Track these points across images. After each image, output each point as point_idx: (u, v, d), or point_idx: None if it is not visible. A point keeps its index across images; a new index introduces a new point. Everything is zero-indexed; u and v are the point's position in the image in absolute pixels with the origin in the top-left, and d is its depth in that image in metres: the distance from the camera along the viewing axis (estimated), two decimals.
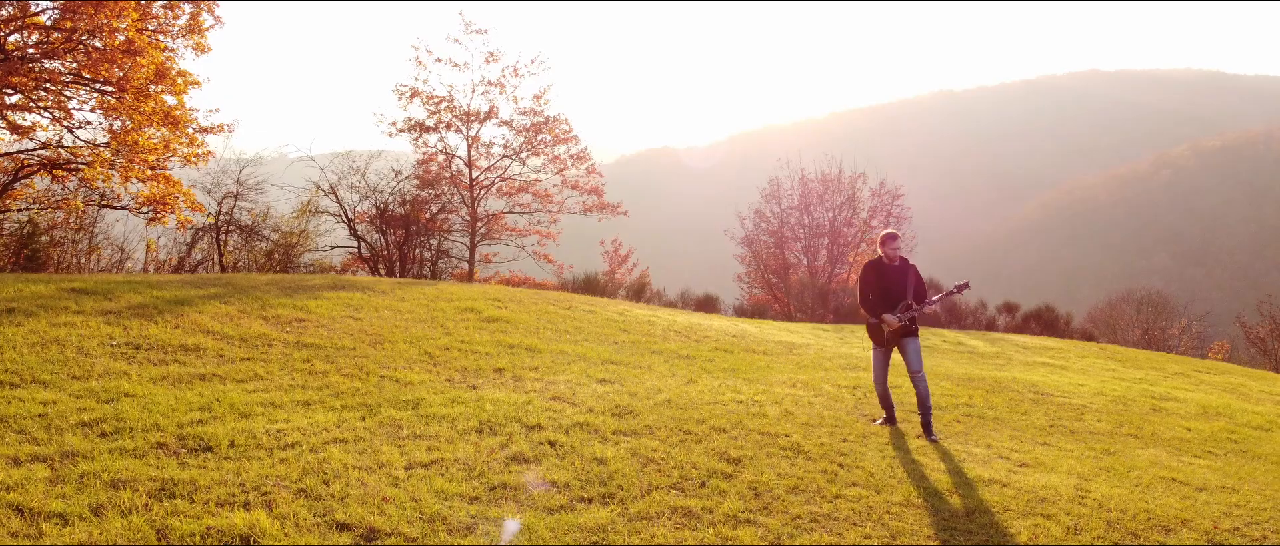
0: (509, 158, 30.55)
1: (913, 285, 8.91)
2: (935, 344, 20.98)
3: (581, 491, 5.71)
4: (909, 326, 8.90)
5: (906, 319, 8.81)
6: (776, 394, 10.13)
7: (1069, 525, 5.97)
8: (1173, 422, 11.78)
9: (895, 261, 8.96)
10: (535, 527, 4.97)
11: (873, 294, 8.96)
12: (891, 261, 8.96)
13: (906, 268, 8.97)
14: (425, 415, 7.27)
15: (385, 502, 5.11)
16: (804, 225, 39.89)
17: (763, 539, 5.16)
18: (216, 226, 24.24)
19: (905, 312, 8.81)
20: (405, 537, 4.65)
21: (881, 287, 8.91)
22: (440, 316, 12.79)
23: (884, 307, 8.87)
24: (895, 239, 9.06)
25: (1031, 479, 7.18)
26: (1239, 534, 6.26)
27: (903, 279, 8.90)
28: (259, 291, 12.68)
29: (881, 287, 8.91)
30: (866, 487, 6.44)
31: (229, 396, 7.10)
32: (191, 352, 8.62)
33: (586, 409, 8.05)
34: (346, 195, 26.84)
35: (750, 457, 6.91)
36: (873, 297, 8.95)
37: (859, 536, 5.34)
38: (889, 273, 8.93)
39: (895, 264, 8.96)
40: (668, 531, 5.12)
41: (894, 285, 8.88)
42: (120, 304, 10.33)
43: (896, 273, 8.92)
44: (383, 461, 5.91)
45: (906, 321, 8.81)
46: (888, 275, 8.92)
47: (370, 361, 9.22)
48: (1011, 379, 14.56)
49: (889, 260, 8.96)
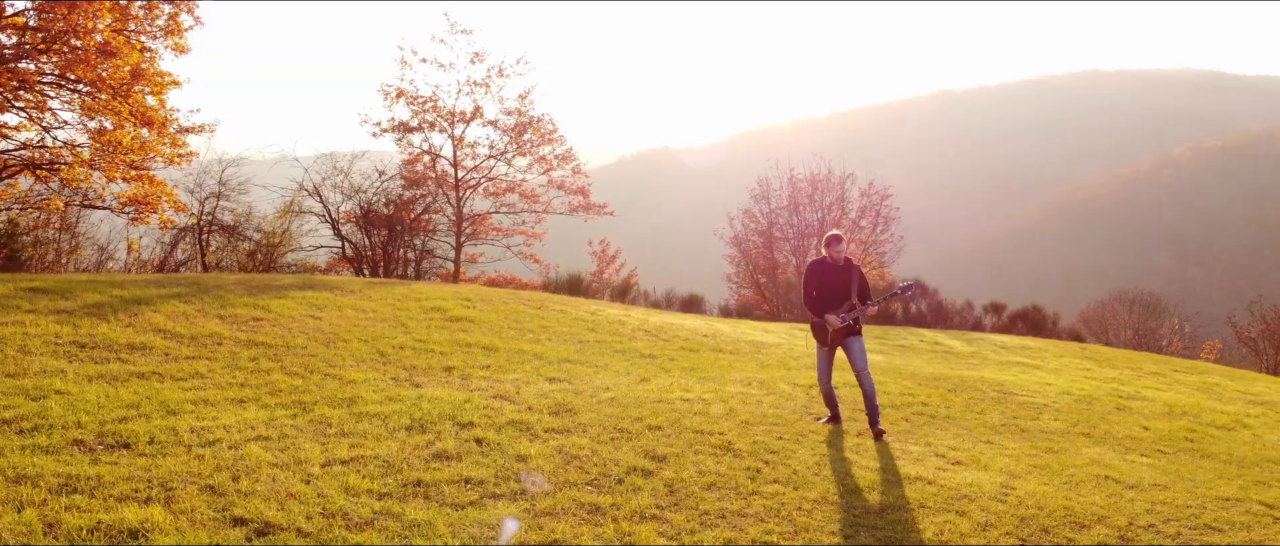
0: (495, 158, 30.61)
1: (856, 285, 8.98)
2: (912, 343, 21.02)
3: (495, 488, 5.77)
4: (852, 326, 8.98)
5: (849, 319, 8.87)
6: (727, 392, 10.18)
7: (981, 522, 6.02)
8: (1132, 421, 11.82)
9: (839, 262, 9.04)
10: (434, 523, 5.02)
11: (816, 293, 9.04)
12: (835, 262, 9.03)
13: (850, 268, 9.05)
14: (359, 413, 7.33)
15: (290, 498, 5.17)
16: (793, 225, 39.91)
17: (663, 535, 5.21)
18: (199, 226, 24.33)
19: (848, 312, 8.87)
20: (299, 532, 4.71)
21: (825, 287, 9.00)
22: (404, 316, 12.86)
23: (827, 307, 8.95)
24: (839, 241, 9.16)
25: (959, 476, 7.23)
26: (1154, 530, 6.31)
27: (846, 279, 8.98)
28: (224, 291, 12.75)
29: (825, 287, 9.00)
30: (787, 485, 6.50)
31: (162, 394, 7.17)
32: (137, 351, 8.69)
33: (525, 407, 8.11)
34: (330, 195, 26.94)
35: (677, 455, 6.97)
36: (816, 296, 9.04)
37: (761, 532, 5.39)
38: (832, 272, 9.01)
39: (839, 264, 9.03)
40: (568, 527, 5.17)
41: (837, 285, 8.96)
42: (76, 303, 10.40)
43: (840, 273, 9.00)
44: (301, 458, 5.97)
45: (849, 321, 8.88)
46: (831, 275, 9.01)
47: (318, 360, 9.29)
48: (979, 378, 14.61)
49: (833, 260, 9.04)
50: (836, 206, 39.62)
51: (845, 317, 8.86)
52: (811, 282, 9.07)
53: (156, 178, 24.02)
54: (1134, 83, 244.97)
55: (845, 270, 9.00)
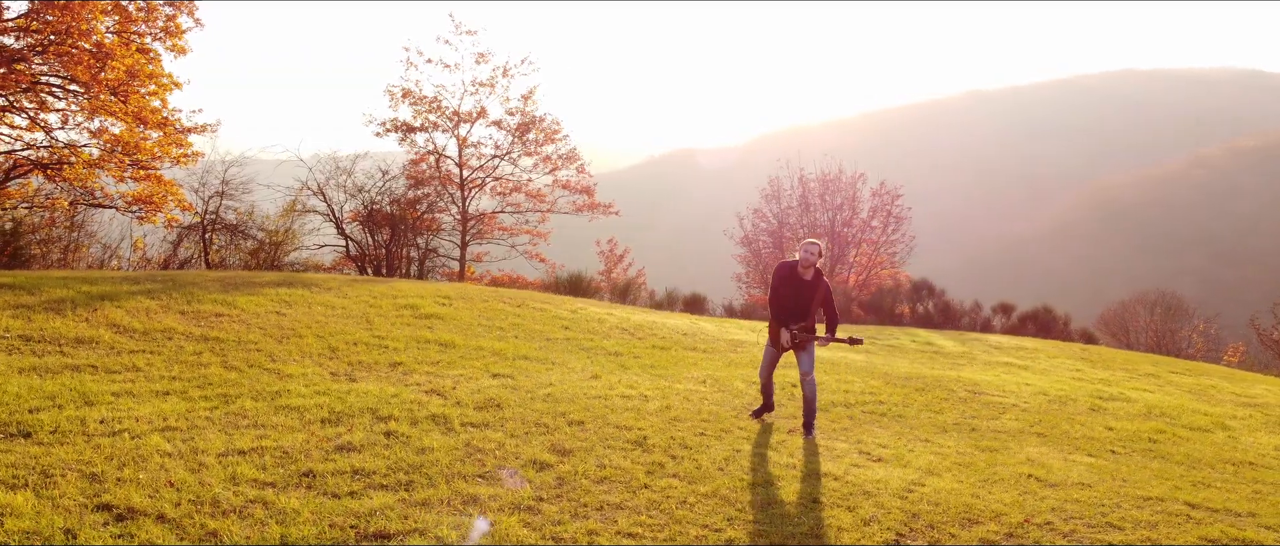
0: (499, 157, 30.84)
1: (819, 302, 8.91)
2: (903, 343, 20.93)
3: (383, 479, 5.87)
4: (807, 337, 8.91)
5: (799, 339, 8.83)
6: (676, 389, 10.24)
7: (866, 517, 6.04)
8: (1100, 422, 11.72)
9: (808, 274, 8.93)
10: (301, 511, 5.13)
11: (781, 298, 8.97)
12: (805, 272, 8.92)
13: (817, 284, 8.91)
14: (280, 405, 7.47)
15: (167, 486, 5.30)
16: (803, 225, 39.84)
17: (527, 524, 5.29)
18: (202, 225, 24.71)
19: (802, 332, 8.83)
20: (160, 518, 4.84)
21: (790, 296, 8.91)
22: (373, 313, 13.02)
23: (787, 315, 8.87)
24: (811, 251, 8.92)
25: (870, 473, 7.24)
26: (1049, 527, 6.29)
27: (811, 292, 8.88)
28: (197, 287, 12.98)
29: (790, 296, 8.91)
30: (683, 479, 6.55)
31: (87, 386, 7.35)
32: (83, 345, 8.90)
33: (454, 402, 8.21)
34: (334, 195, 27.24)
35: (584, 450, 7.04)
36: (779, 300, 8.97)
37: (630, 524, 5.45)
38: (800, 283, 8.91)
39: (807, 278, 8.93)
40: (434, 516, 5.26)
41: (801, 296, 8.86)
42: (41, 298, 10.65)
43: (807, 285, 8.90)
44: (200, 448, 6.11)
45: (799, 337, 8.83)
46: (798, 285, 8.90)
47: (263, 355, 9.45)
48: (955, 378, 14.54)
49: (803, 269, 8.92)
50: (848, 206, 39.54)
51: (796, 337, 8.81)
52: (779, 285, 9.00)
53: (164, 177, 24.45)
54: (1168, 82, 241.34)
55: (812, 286, 8.90)
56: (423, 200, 29.34)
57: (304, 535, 4.80)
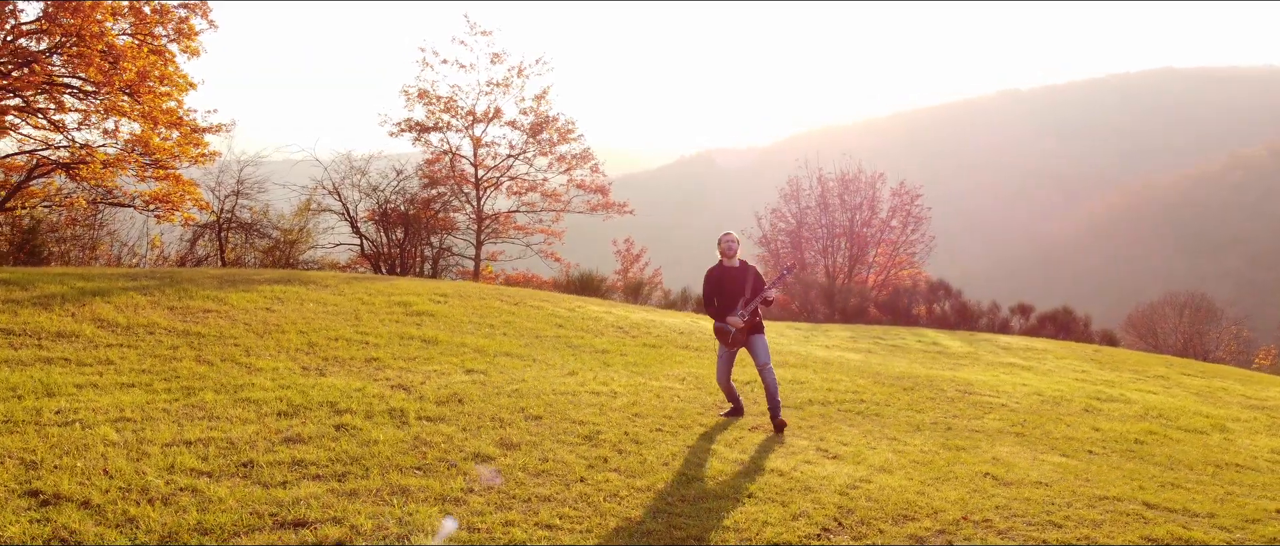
0: (514, 157, 31.05)
1: (751, 285, 9.02)
2: (908, 344, 20.83)
3: (320, 470, 5.98)
4: (755, 323, 9.03)
5: (747, 313, 8.92)
6: (651, 386, 10.30)
7: (797, 512, 6.06)
8: (1088, 422, 11.62)
9: (734, 263, 9.07)
10: (226, 499, 5.25)
11: (716, 298, 9.10)
12: (731, 264, 9.06)
13: (745, 269, 9.09)
14: (241, 398, 7.62)
15: (102, 474, 5.44)
16: (821, 224, 39.73)
17: (444, 514, 5.37)
18: (218, 224, 25.11)
19: (746, 306, 8.93)
20: (84, 504, 4.98)
21: (722, 291, 9.05)
22: (364, 310, 13.19)
23: (729, 308, 8.98)
24: (730, 240, 9.11)
25: (819, 470, 7.25)
26: (988, 525, 6.27)
27: (742, 280, 9.02)
28: (194, 284, 13.23)
29: (722, 291, 9.05)
30: (625, 474, 6.60)
31: (52, 378, 7.54)
32: (62, 339, 9.11)
33: (417, 396, 8.33)
34: (349, 194, 27.57)
35: (532, 444, 7.12)
36: (717, 302, 9.10)
37: (551, 516, 5.52)
38: (729, 275, 9.05)
39: (734, 266, 9.06)
40: (358, 506, 5.36)
41: (733, 287, 9.01)
42: (32, 293, 10.92)
43: (736, 274, 9.05)
44: (146, 438, 6.26)
45: (747, 316, 8.93)
46: (727, 278, 9.05)
47: (239, 350, 9.63)
48: (950, 378, 14.45)
49: (728, 261, 9.06)
50: (867, 206, 39.34)
51: (743, 313, 8.91)
52: (711, 290, 9.15)
53: (183, 177, 24.87)
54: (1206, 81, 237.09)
55: (741, 272, 9.05)
56: (437, 199, 29.61)
57: (220, 521, 4.92)
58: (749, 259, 35.07)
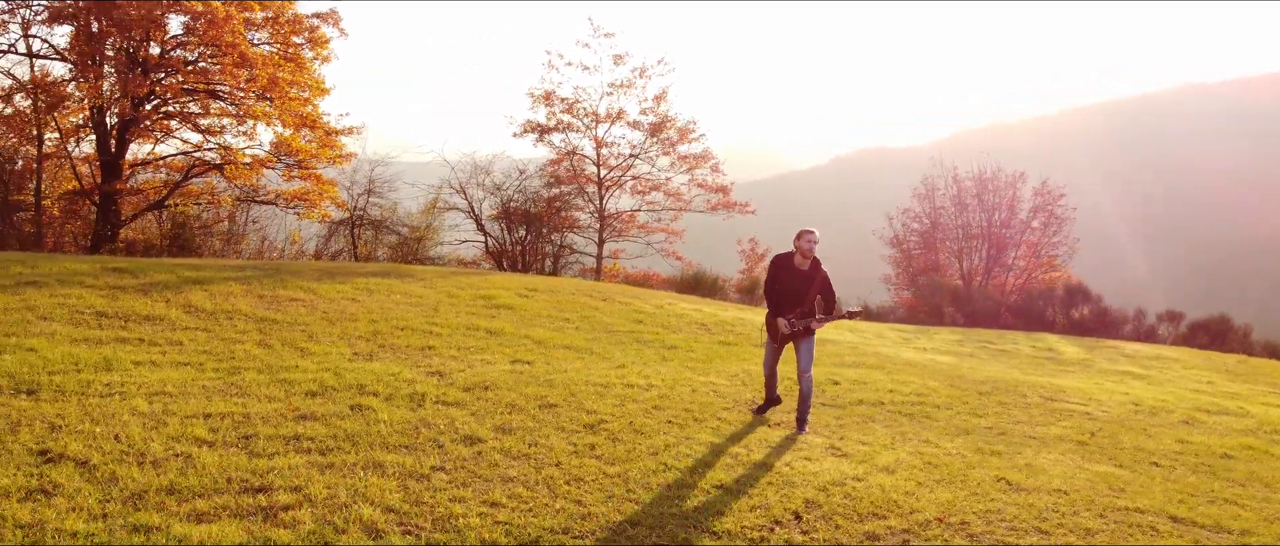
0: (636, 157, 31.54)
1: (817, 289, 8.87)
2: (1019, 348, 20.06)
3: (312, 444, 6.44)
4: (806, 327, 8.91)
5: (800, 326, 8.85)
6: (697, 381, 10.41)
7: (758, 503, 6.10)
8: (1177, 435, 11.00)
9: (805, 264, 8.90)
10: (208, 465, 5.77)
11: (778, 288, 8.99)
12: (802, 262, 8.88)
13: (815, 271, 8.83)
14: (279, 378, 8.23)
15: (113, 440, 6.07)
16: (957, 225, 38.51)
17: (401, 488, 5.71)
18: (351, 221, 26.68)
19: (801, 319, 8.84)
20: (81, 463, 5.58)
21: (785, 286, 8.89)
22: (446, 302, 13.83)
23: (785, 306, 8.89)
24: (809, 240, 8.78)
25: (814, 467, 7.23)
26: (963, 527, 6.12)
27: (809, 281, 8.84)
28: (295, 275, 14.20)
29: (785, 286, 8.89)
30: (606, 461, 6.79)
31: (115, 355, 8.36)
32: (147, 321, 10.04)
33: (447, 383, 8.75)
34: (474, 193, 28.71)
35: (530, 429, 7.41)
36: (776, 293, 9.00)
37: (503, 496, 5.77)
38: (796, 273, 8.86)
39: (804, 267, 8.91)
40: (329, 477, 5.77)
41: (798, 286, 8.82)
42: (141, 280, 12.03)
43: (804, 275, 8.84)
44: (171, 410, 6.90)
45: (799, 329, 8.85)
46: (794, 275, 8.87)
47: (303, 335, 10.34)
48: (1041, 384, 13.88)
49: (801, 258, 8.89)
50: (1006, 207, 37.86)
51: (795, 325, 8.84)
52: (775, 278, 9.03)
53: (323, 177, 26.56)
54: None
55: (809, 273, 8.85)
56: (560, 199, 30.43)
57: (190, 483, 5.42)
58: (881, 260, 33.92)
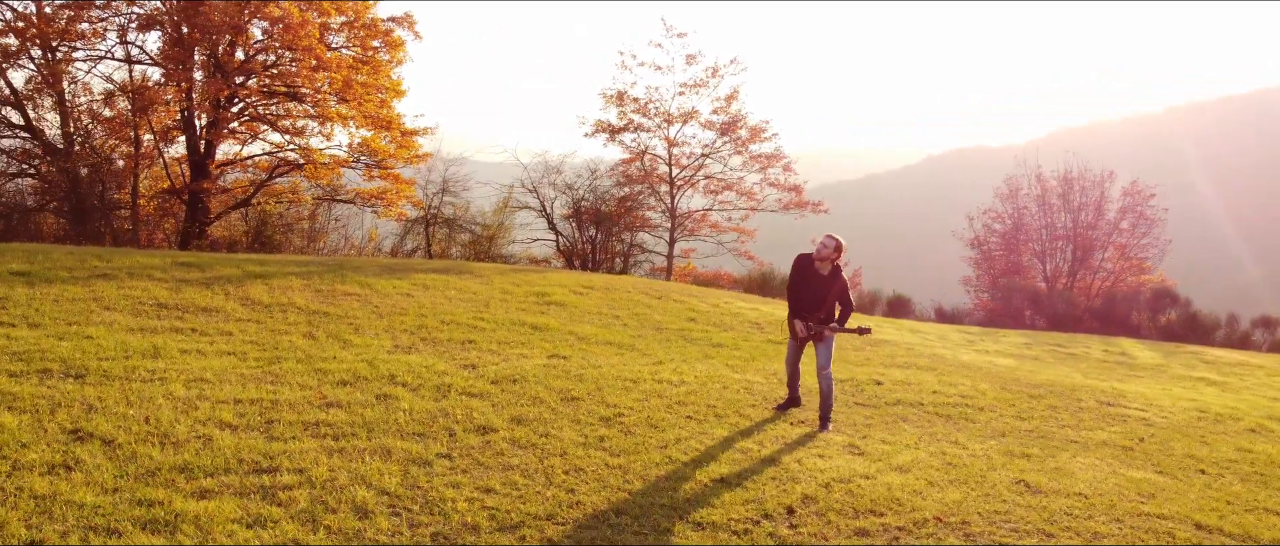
0: (707, 156, 31.57)
1: (834, 296, 8.92)
2: (1091, 352, 19.51)
3: (329, 430, 6.73)
4: (824, 330, 8.94)
5: (814, 331, 8.89)
6: (732, 378, 10.46)
7: (752, 497, 6.15)
8: (1236, 443, 10.62)
9: (825, 268, 8.95)
10: (223, 446, 6.08)
11: (798, 290, 9.06)
12: (821, 262, 8.93)
13: (833, 279, 8.88)
14: (315, 368, 8.58)
15: (142, 421, 6.44)
16: (1042, 226, 37.50)
17: (403, 473, 5.94)
18: (425, 219, 27.37)
19: (817, 324, 8.89)
20: (106, 441, 5.95)
21: (803, 290, 8.97)
22: (498, 299, 14.13)
23: (804, 308, 8.95)
24: (825, 246, 8.86)
25: (825, 464, 7.23)
26: (963, 526, 6.05)
27: (825, 287, 8.89)
28: (356, 271, 14.70)
29: (803, 290, 8.97)
30: (613, 452, 6.92)
31: (165, 344, 8.82)
32: (204, 313, 10.55)
33: (477, 375, 9.00)
34: (546, 192, 29.14)
35: (547, 420, 7.59)
36: (796, 294, 9.07)
37: (498, 483, 5.94)
38: (813, 277, 8.93)
39: (824, 271, 8.94)
40: (335, 461, 6.03)
41: (816, 290, 8.90)
42: (207, 274, 12.62)
43: (823, 280, 8.91)
44: (205, 396, 7.28)
45: (815, 334, 8.90)
46: (811, 278, 8.94)
47: (349, 328, 10.72)
48: (1100, 388, 13.50)
49: (820, 262, 8.94)
50: (1093, 207, 36.71)
51: (811, 329, 8.89)
52: (795, 279, 9.11)
53: (402, 176, 27.36)
54: None
55: (827, 280, 8.89)
56: (632, 198, 30.66)
57: (202, 462, 5.74)
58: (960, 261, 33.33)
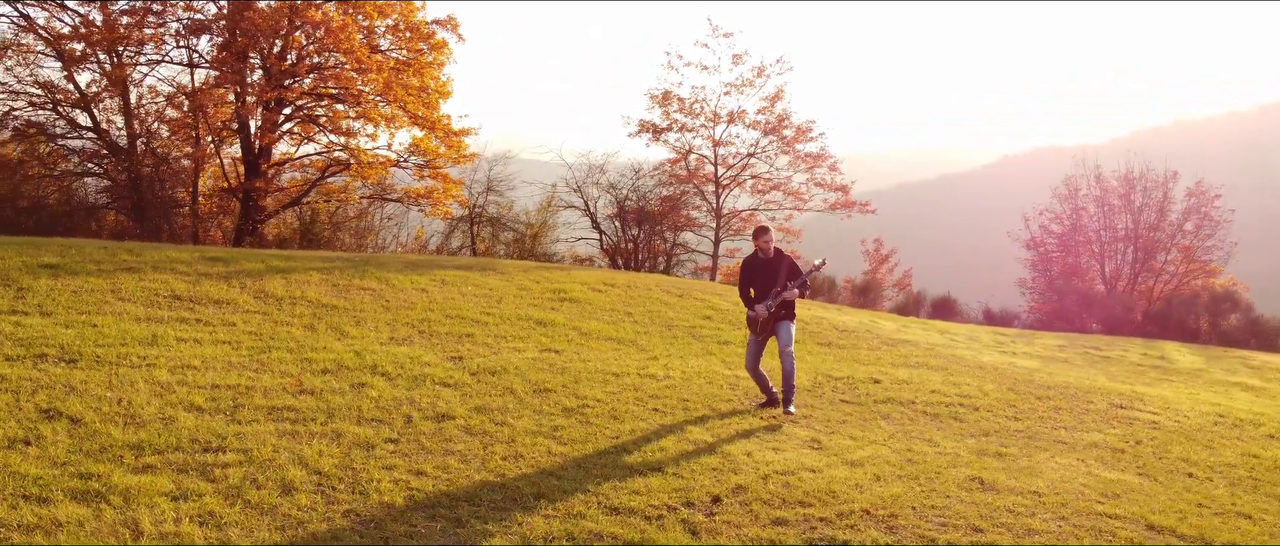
0: (752, 156, 31.58)
1: (784, 275, 9.09)
2: (1127, 356, 19.07)
3: (289, 415, 7.06)
4: (787, 312, 9.11)
5: (774, 304, 9.03)
6: (719, 375, 10.58)
7: (678, 487, 6.29)
8: (1251, 448, 10.40)
9: (769, 254, 9.17)
10: (182, 426, 6.45)
11: (750, 288, 9.30)
12: (764, 255, 9.18)
13: (780, 259, 9.16)
14: (303, 357, 8.96)
15: (116, 403, 6.85)
16: (1104, 227, 36.57)
17: (340, 455, 6.23)
18: (470, 218, 27.93)
19: (775, 298, 9.04)
20: (74, 420, 6.36)
21: (757, 283, 9.21)
22: (513, 295, 14.43)
23: (760, 300, 9.16)
24: (765, 232, 9.28)
25: (772, 456, 7.32)
26: (890, 519, 6.11)
27: (775, 271, 9.11)
28: (381, 267, 15.15)
29: (757, 283, 9.21)
30: (564, 442, 7.13)
31: (164, 333, 9.29)
32: (216, 305, 11.04)
33: (461, 367, 9.30)
34: (590, 192, 29.48)
35: (507, 409, 7.85)
36: (748, 286, 9.30)
37: (434, 465, 6.20)
38: (762, 267, 9.19)
39: (769, 257, 9.17)
40: (282, 442, 6.35)
41: (768, 279, 9.12)
42: (231, 268, 13.17)
43: (769, 266, 9.15)
44: (185, 381, 7.68)
45: (773, 308, 9.04)
46: (762, 270, 9.19)
47: (351, 321, 11.11)
48: (1118, 391, 13.27)
49: (763, 254, 9.18)
50: (1155, 209, 35.68)
51: (770, 305, 9.04)
52: (744, 279, 9.36)
53: (450, 176, 27.98)
54: None
55: (774, 263, 9.14)
56: (678, 198, 30.84)
57: (154, 440, 6.11)
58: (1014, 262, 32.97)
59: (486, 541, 5.15)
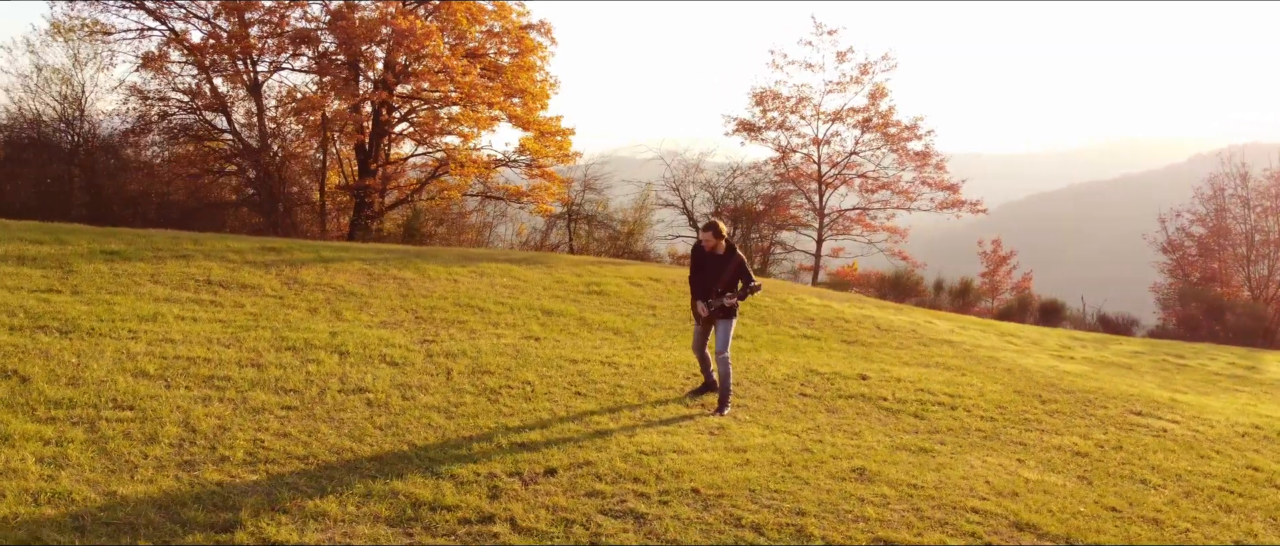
0: (856, 153, 31.22)
1: (730, 274, 9.29)
2: (1212, 365, 17.95)
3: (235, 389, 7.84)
4: (726, 309, 9.33)
5: (714, 306, 9.28)
6: (678, 364, 10.88)
7: (526, 460, 6.74)
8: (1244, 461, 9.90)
9: (718, 250, 9.36)
10: (125, 392, 7.36)
11: (696, 273, 9.56)
12: (713, 249, 9.37)
13: (729, 257, 9.32)
14: (278, 337, 9.82)
15: (101, 384, 7.77)
16: (1255, 229, 34.12)
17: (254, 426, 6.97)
18: (568, 215, 28.90)
19: (714, 300, 9.28)
20: (25, 378, 7.38)
21: (701, 272, 9.47)
22: (545, 286, 15.11)
23: (700, 292, 9.42)
24: (708, 229, 9.40)
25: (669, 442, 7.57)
26: (712, 500, 6.34)
27: (721, 267, 9.31)
28: (424, 259, 16.15)
29: (701, 272, 9.47)
30: (453, 417, 7.66)
31: (166, 311, 10.37)
32: (242, 289, 12.18)
33: (423, 350, 9.98)
34: (687, 190, 29.93)
35: (426, 388, 8.46)
36: (694, 276, 9.56)
37: (303, 430, 6.86)
38: (709, 259, 9.40)
39: (718, 253, 9.39)
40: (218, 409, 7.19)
41: (712, 272, 9.35)
42: (280, 257, 14.41)
43: (717, 261, 9.34)
44: (152, 352, 8.66)
45: (714, 309, 9.29)
46: (710, 261, 9.41)
47: (353, 307, 12.00)
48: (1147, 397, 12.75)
49: (711, 248, 9.38)
50: None
51: (711, 306, 9.29)
52: (692, 269, 9.63)
53: (557, 174, 29.13)
54: None
55: (723, 259, 9.32)
56: (780, 195, 30.87)
57: (78, 398, 7.03)
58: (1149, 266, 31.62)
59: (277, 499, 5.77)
